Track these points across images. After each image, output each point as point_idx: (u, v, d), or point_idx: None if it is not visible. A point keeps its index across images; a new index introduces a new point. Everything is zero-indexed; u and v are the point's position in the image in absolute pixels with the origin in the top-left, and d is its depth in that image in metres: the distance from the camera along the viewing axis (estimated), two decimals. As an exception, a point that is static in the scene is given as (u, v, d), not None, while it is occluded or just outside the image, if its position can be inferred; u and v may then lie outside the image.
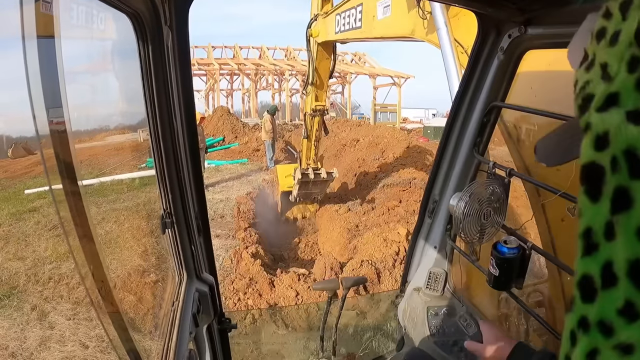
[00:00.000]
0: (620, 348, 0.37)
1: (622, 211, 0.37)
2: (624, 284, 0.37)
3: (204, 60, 31.09)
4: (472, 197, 1.90)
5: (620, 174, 0.37)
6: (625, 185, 0.37)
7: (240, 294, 6.74)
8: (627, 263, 0.36)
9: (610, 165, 0.38)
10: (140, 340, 2.04)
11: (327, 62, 8.86)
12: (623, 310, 0.37)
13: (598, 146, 0.39)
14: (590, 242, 0.40)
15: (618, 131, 0.37)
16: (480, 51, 2.02)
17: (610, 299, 0.38)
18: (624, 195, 0.37)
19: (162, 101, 1.51)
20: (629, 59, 0.37)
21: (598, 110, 0.40)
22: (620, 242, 0.37)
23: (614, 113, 0.38)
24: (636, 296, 0.36)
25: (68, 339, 4.61)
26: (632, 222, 0.36)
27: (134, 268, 4.61)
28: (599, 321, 0.39)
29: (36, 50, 0.87)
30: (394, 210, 9.70)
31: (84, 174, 7.77)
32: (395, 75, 31.73)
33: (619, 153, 0.37)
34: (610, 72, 0.39)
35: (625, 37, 0.38)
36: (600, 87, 0.40)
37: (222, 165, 16.04)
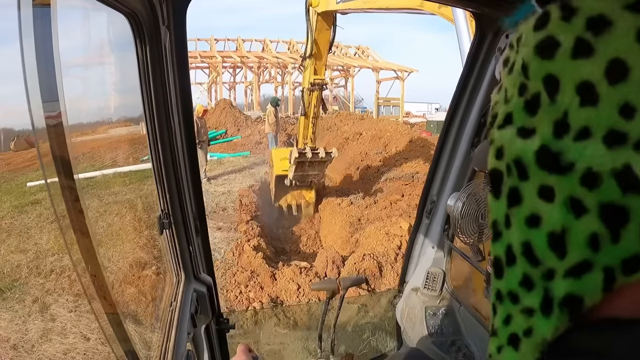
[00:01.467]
0: (525, 311, 0.46)
1: (515, 205, 0.46)
2: (520, 261, 0.45)
3: (206, 53, 31.01)
4: (469, 197, 1.90)
5: (512, 177, 0.45)
6: (516, 185, 0.45)
7: (241, 287, 6.76)
8: (520, 245, 0.45)
9: (506, 170, 0.46)
10: (138, 341, 2.05)
11: (327, 33, 8.45)
12: (522, 281, 0.45)
13: (498, 156, 0.47)
14: (496, 231, 0.49)
15: (510, 144, 0.45)
16: (478, 51, 2.02)
17: (513, 274, 0.47)
18: (515, 193, 0.45)
19: (159, 101, 1.51)
20: (519, 86, 0.45)
21: (498, 128, 0.48)
22: (514, 229, 0.46)
23: (508, 129, 0.46)
24: (529, 270, 0.44)
25: (69, 332, 4.63)
26: (522, 213, 0.45)
27: (132, 267, 4.63)
28: (508, 292, 0.48)
29: (33, 45, 0.87)
30: (396, 204, 9.70)
31: (86, 167, 7.79)
32: (399, 69, 31.58)
33: (510, 161, 0.45)
34: (508, 95, 0.47)
35: (517, 67, 0.45)
36: (502, 108, 0.48)
37: (224, 158, 16.03)
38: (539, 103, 0.43)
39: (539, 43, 0.43)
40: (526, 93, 0.44)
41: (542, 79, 0.42)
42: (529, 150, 0.43)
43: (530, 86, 0.43)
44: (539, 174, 0.42)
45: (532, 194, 0.44)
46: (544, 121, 0.42)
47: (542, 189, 0.42)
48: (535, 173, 0.43)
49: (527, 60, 0.44)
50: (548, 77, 0.42)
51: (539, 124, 0.42)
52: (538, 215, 0.43)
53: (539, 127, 0.42)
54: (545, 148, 0.42)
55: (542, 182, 0.42)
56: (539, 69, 0.42)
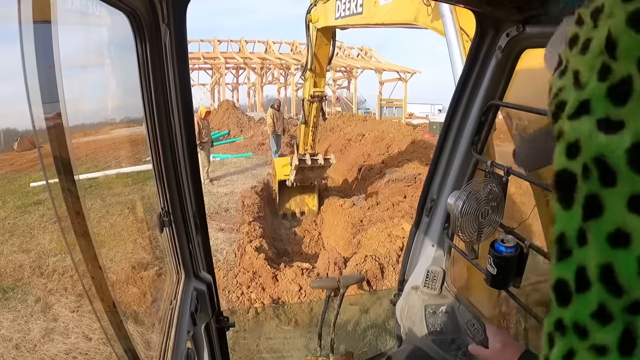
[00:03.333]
0: (595, 349, 0.38)
1: (593, 218, 0.38)
2: (596, 288, 0.38)
3: (209, 54, 31.07)
4: (470, 195, 1.89)
5: (591, 182, 0.38)
6: (596, 192, 0.37)
7: (243, 288, 6.77)
8: (598, 268, 0.37)
9: (581, 172, 0.39)
10: (139, 339, 2.05)
11: (326, 48, 8.74)
12: (596, 313, 0.38)
13: (570, 154, 0.40)
14: (563, 248, 0.41)
15: (589, 139, 0.38)
16: (478, 50, 2.01)
17: (584, 303, 0.39)
18: (595, 202, 0.38)
19: (159, 100, 1.51)
20: (599, 68, 0.38)
21: (570, 118, 0.40)
22: (591, 248, 0.38)
23: (585, 121, 0.39)
24: (608, 300, 0.37)
25: (71, 331, 4.65)
26: (603, 229, 0.37)
27: (132, 266, 4.64)
28: (574, 324, 0.40)
29: (33, 45, 0.88)
30: (398, 205, 9.69)
31: (89, 167, 7.81)
32: (402, 70, 31.58)
33: (589, 161, 0.38)
34: (582, 79, 0.40)
35: (596, 45, 0.39)
36: (573, 95, 0.41)
37: (227, 159, 16.06)
38: (631, 89, 0.36)
39: (633, 13, 0.35)
40: (611, 76, 0.37)
41: (636, 59, 0.35)
42: (618, 148, 0.36)
43: (617, 68, 0.37)
44: (631, 180, 0.35)
45: (619, 205, 0.36)
46: (638, 112, 0.35)
47: (634, 199, 0.35)
48: (626, 177, 0.35)
49: (616, 35, 0.37)
50: None
51: (629, 115, 0.36)
52: (626, 231, 0.36)
53: (629, 120, 0.35)
54: None
55: (635, 190, 0.35)
56: (633, 47, 0.35)
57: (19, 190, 8.93)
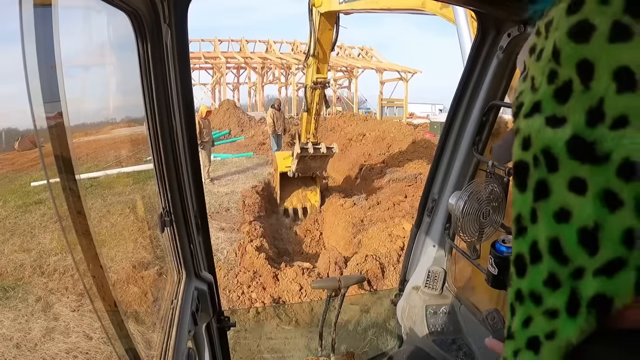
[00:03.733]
0: (548, 313, 0.44)
1: (542, 199, 0.44)
2: (546, 259, 0.43)
3: (210, 54, 31.06)
4: (471, 196, 1.90)
5: (540, 169, 0.43)
6: (544, 177, 0.43)
7: (244, 287, 6.77)
8: (547, 241, 0.43)
9: (532, 162, 0.44)
10: (139, 339, 2.05)
11: (329, 33, 8.54)
12: (547, 280, 0.43)
13: (524, 147, 0.45)
14: (520, 226, 0.47)
15: (538, 133, 0.43)
16: (480, 50, 2.02)
17: (537, 273, 0.45)
18: (543, 186, 0.43)
19: (160, 100, 1.51)
20: (548, 73, 0.43)
21: (525, 117, 0.46)
22: (541, 224, 0.44)
23: (537, 118, 0.44)
24: (557, 268, 0.42)
25: (72, 331, 4.65)
26: (550, 208, 0.43)
27: (133, 265, 4.64)
28: (530, 292, 0.46)
29: (34, 45, 0.87)
30: (399, 205, 9.68)
31: (90, 166, 7.81)
32: (403, 70, 31.56)
33: (538, 152, 0.43)
34: (536, 84, 0.45)
35: (547, 53, 0.44)
36: (528, 97, 0.46)
37: (227, 159, 16.05)
38: (571, 90, 0.41)
39: (572, 27, 0.40)
40: (557, 80, 0.42)
41: (575, 65, 0.40)
42: (560, 140, 0.41)
43: (562, 73, 0.41)
44: (570, 165, 0.40)
45: (561, 187, 0.42)
46: (577, 109, 0.40)
47: (574, 181, 0.40)
48: (566, 164, 0.41)
49: (560, 45, 0.42)
50: (582, 63, 0.40)
51: (570, 112, 0.41)
52: (568, 209, 0.41)
53: (570, 116, 0.41)
54: (577, 137, 0.40)
55: (574, 174, 0.40)
56: (573, 55, 0.40)
57: (20, 190, 8.93)
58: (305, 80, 9.73)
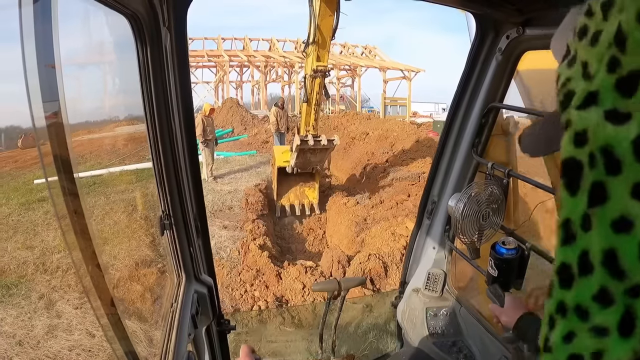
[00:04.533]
0: (595, 330, 0.40)
1: (598, 204, 0.39)
2: (598, 272, 0.40)
3: (213, 52, 31.07)
4: (470, 198, 1.89)
5: (597, 170, 0.39)
6: (601, 180, 0.39)
7: (247, 286, 6.79)
8: (601, 253, 0.39)
9: (588, 161, 0.40)
10: (139, 342, 2.05)
11: (330, 19, 8.35)
12: (598, 296, 0.40)
13: (577, 142, 0.41)
14: (569, 232, 0.43)
15: (596, 129, 0.39)
16: (479, 52, 2.01)
17: (586, 286, 0.41)
18: (600, 189, 0.39)
19: (160, 103, 1.51)
20: (608, 60, 0.39)
21: (578, 108, 0.42)
22: (595, 233, 0.40)
23: (593, 111, 0.40)
24: (609, 283, 0.39)
25: (75, 328, 4.67)
26: (607, 215, 0.39)
27: (133, 268, 4.65)
28: (575, 306, 0.42)
29: (34, 46, 0.88)
30: (402, 204, 9.69)
31: (93, 164, 7.83)
32: (406, 68, 31.51)
33: (596, 150, 0.39)
34: (591, 70, 0.41)
35: (606, 38, 0.39)
36: (581, 85, 0.42)
37: (231, 157, 16.07)
38: (638, 82, 0.37)
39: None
40: (619, 69, 0.38)
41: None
42: (624, 139, 0.37)
43: (627, 61, 0.37)
44: (636, 169, 0.37)
45: (623, 192, 0.38)
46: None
47: (638, 187, 0.37)
48: (631, 167, 0.37)
49: (627, 29, 0.37)
50: None
51: (636, 107, 0.37)
52: (630, 218, 0.37)
53: (636, 112, 0.37)
54: None
55: (639, 179, 0.37)
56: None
57: (23, 187, 8.97)
58: (305, 69, 9.57)
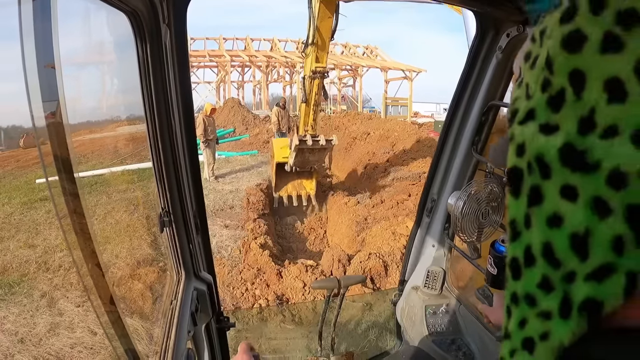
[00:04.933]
0: (542, 315, 0.45)
1: (535, 205, 0.44)
2: (540, 262, 0.44)
3: (215, 52, 31.10)
4: (470, 196, 1.90)
5: (534, 175, 0.44)
6: (537, 184, 0.44)
7: (248, 284, 6.79)
8: (541, 245, 0.44)
9: (527, 168, 0.45)
10: (139, 339, 2.06)
11: (329, 21, 8.43)
12: (541, 283, 0.44)
13: (518, 153, 0.46)
14: (515, 231, 0.47)
15: (532, 140, 0.44)
16: (479, 50, 2.01)
17: (531, 275, 0.45)
18: (536, 192, 0.44)
19: (160, 100, 1.52)
20: (542, 81, 0.43)
21: (520, 123, 0.46)
22: (535, 229, 0.45)
23: (530, 125, 0.44)
24: (550, 272, 0.43)
25: (77, 326, 4.68)
26: (543, 213, 0.43)
27: (133, 265, 4.66)
28: (525, 294, 0.46)
29: (34, 44, 0.89)
30: (403, 203, 9.68)
31: (95, 164, 7.85)
32: (407, 69, 31.48)
33: (532, 158, 0.44)
34: (530, 91, 0.45)
35: (540, 61, 0.44)
36: (523, 104, 0.46)
37: (232, 157, 16.08)
38: (564, 99, 0.41)
39: (565, 36, 0.41)
40: (550, 89, 0.42)
41: (567, 74, 0.41)
42: (552, 147, 0.42)
43: (555, 81, 0.42)
44: (562, 172, 0.41)
45: (554, 193, 0.42)
46: (569, 118, 0.41)
47: (565, 188, 0.41)
48: (558, 171, 0.42)
49: (553, 54, 0.42)
50: (574, 73, 0.40)
51: (563, 120, 0.41)
52: (560, 215, 0.42)
53: (563, 124, 0.41)
54: (569, 145, 0.40)
55: (565, 181, 0.41)
56: (565, 64, 0.41)
57: (25, 187, 8.99)
58: (304, 70, 9.61)
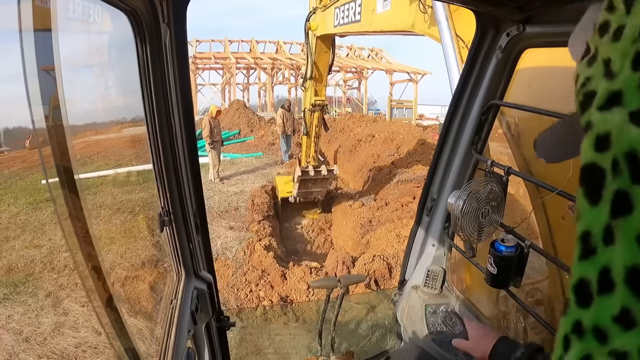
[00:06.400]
0: (614, 355, 0.36)
1: (622, 216, 0.36)
2: (621, 290, 0.36)
3: (220, 54, 31.20)
4: (470, 195, 1.89)
5: (621, 178, 0.36)
6: (626, 189, 0.35)
7: (252, 286, 6.82)
8: (625, 269, 0.35)
9: (611, 167, 0.37)
10: (139, 339, 2.07)
11: (326, 55, 8.77)
12: (619, 317, 0.36)
13: (599, 147, 0.38)
14: (588, 246, 0.39)
15: (620, 132, 0.36)
16: (479, 49, 2.01)
17: (606, 305, 0.37)
18: (624, 199, 0.36)
19: (159, 99, 1.52)
20: (633, 56, 0.36)
21: (600, 109, 0.38)
22: (619, 247, 0.36)
23: (617, 113, 0.36)
24: (633, 303, 0.35)
25: (81, 325, 4.69)
26: (632, 228, 0.35)
27: (133, 265, 4.67)
28: (594, 327, 0.38)
29: (33, 45, 0.90)
30: (407, 206, 9.68)
31: (101, 165, 7.88)
32: (412, 71, 31.48)
33: (620, 155, 0.36)
34: (613, 68, 0.38)
35: (630, 32, 0.37)
36: (603, 85, 0.39)
37: (237, 159, 16.12)
38: None
39: None
40: None
41: None
42: None
43: None
44: None
45: None
46: None
47: None
48: None
49: None
50: None
51: None
52: None
53: None
54: None
55: None
56: None
57: (31, 187, 9.00)
58: (304, 104, 9.87)
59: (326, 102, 9.67)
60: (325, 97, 9.51)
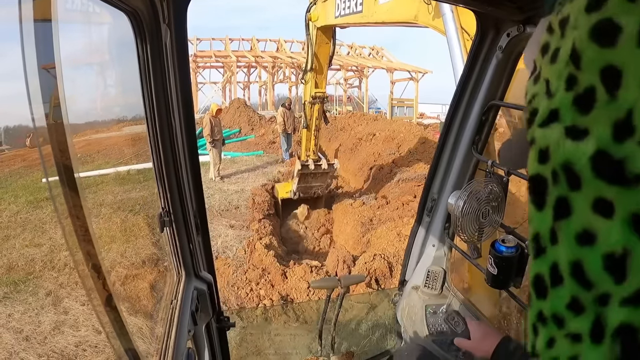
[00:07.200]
0: (571, 337, 0.40)
1: (562, 218, 0.40)
2: (568, 282, 0.40)
3: (221, 53, 31.16)
4: (470, 195, 1.89)
5: (560, 186, 0.39)
6: (565, 195, 0.39)
7: (252, 284, 6.82)
8: (569, 264, 0.39)
9: (551, 177, 0.40)
10: (139, 339, 2.07)
11: (326, 47, 8.74)
12: (570, 304, 0.40)
13: (541, 160, 0.41)
14: (539, 246, 0.43)
15: (557, 146, 0.39)
16: (479, 49, 2.01)
17: (559, 296, 0.41)
18: (564, 204, 0.39)
19: (160, 99, 1.52)
20: (566, 78, 0.38)
21: (541, 125, 0.41)
22: (562, 246, 0.40)
23: (554, 128, 0.39)
24: (579, 293, 0.39)
25: (82, 324, 4.70)
26: (572, 228, 0.39)
27: (133, 265, 4.67)
28: (552, 315, 0.42)
29: (34, 44, 0.89)
30: (408, 205, 9.68)
31: (101, 164, 7.89)
32: (413, 70, 31.44)
33: (558, 167, 0.39)
34: (552, 88, 0.40)
35: (563, 55, 0.39)
36: (544, 103, 0.41)
37: (238, 157, 16.11)
38: (594, 99, 0.36)
39: (594, 27, 0.36)
40: (576, 86, 0.38)
41: (599, 71, 0.36)
42: (583, 155, 0.37)
43: (582, 78, 0.37)
44: (595, 184, 0.36)
45: (585, 207, 0.37)
46: (601, 120, 0.36)
47: (598, 202, 0.36)
48: (590, 182, 0.37)
49: (580, 47, 0.37)
50: (607, 69, 0.35)
51: (593, 123, 0.36)
52: (592, 232, 0.37)
53: (593, 128, 0.36)
54: (603, 153, 0.35)
55: (599, 194, 0.36)
56: (596, 59, 0.36)
57: (31, 186, 9.01)
58: (304, 96, 9.83)
59: (326, 94, 9.63)
60: (325, 89, 9.47)
